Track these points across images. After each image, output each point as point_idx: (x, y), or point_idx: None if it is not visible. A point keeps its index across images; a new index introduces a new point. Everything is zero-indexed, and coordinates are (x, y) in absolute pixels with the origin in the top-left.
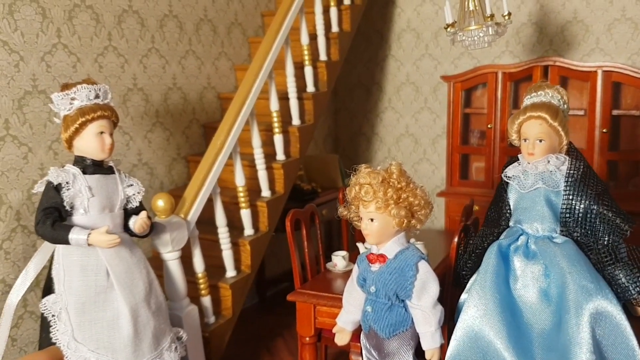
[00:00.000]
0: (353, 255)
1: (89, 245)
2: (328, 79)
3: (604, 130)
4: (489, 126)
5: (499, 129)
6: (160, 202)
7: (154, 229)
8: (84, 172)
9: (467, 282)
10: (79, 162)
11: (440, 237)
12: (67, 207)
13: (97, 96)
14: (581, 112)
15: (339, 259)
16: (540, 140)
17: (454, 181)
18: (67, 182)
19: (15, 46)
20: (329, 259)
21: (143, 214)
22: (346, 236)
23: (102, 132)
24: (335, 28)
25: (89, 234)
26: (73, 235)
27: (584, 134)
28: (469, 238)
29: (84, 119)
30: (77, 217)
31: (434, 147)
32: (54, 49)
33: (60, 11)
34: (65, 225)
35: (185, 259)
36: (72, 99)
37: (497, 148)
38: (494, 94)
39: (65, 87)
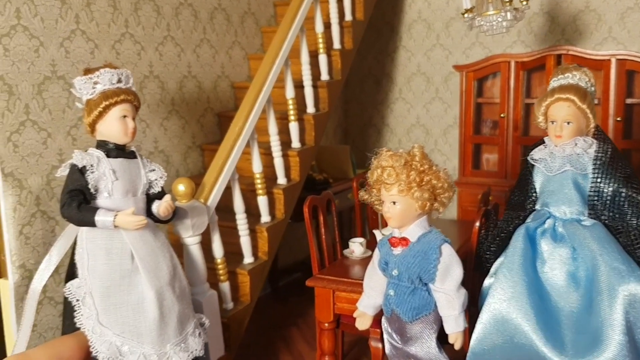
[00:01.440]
0: (368, 242)
1: (115, 227)
2: (342, 67)
3: (618, 119)
4: (502, 115)
5: (512, 118)
6: (181, 187)
7: (176, 213)
8: (108, 156)
9: (490, 266)
10: (102, 146)
11: (454, 227)
12: (92, 190)
13: (119, 80)
14: (595, 101)
15: (356, 246)
16: (568, 123)
17: (466, 171)
18: (91, 165)
19: (35, 31)
20: (344, 246)
21: (167, 197)
22: (360, 224)
23: (124, 116)
24: (348, 17)
25: (116, 215)
26: (99, 217)
27: (598, 123)
28: (490, 222)
29: (107, 103)
30: (101, 200)
31: (445, 138)
32: (73, 34)
33: None
34: (91, 207)
35: (204, 245)
36: (95, 82)
37: (510, 138)
38: (507, 83)
39: (88, 71)
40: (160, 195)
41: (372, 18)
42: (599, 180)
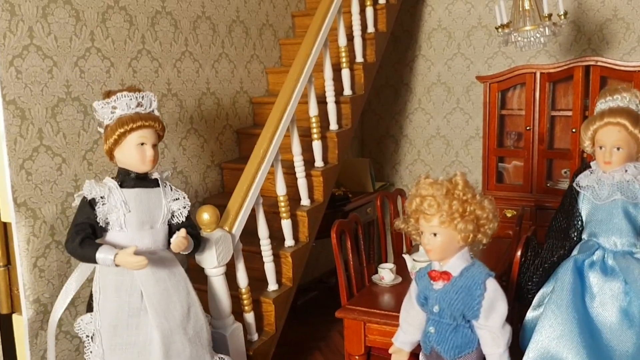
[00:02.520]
0: (397, 266)
1: (116, 265)
2: (365, 81)
3: None
4: (527, 128)
5: (537, 130)
6: (206, 215)
7: (200, 245)
8: (123, 186)
9: (532, 298)
10: (123, 174)
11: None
12: (101, 223)
13: (139, 104)
14: None
15: (386, 272)
16: (618, 149)
17: (490, 185)
18: (101, 197)
19: (48, 51)
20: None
21: (182, 231)
22: (384, 244)
23: (142, 143)
24: (371, 28)
25: (116, 254)
26: (100, 255)
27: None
28: (531, 250)
29: (122, 130)
30: (114, 234)
31: (467, 150)
32: (87, 53)
33: (93, 13)
34: (94, 244)
35: (227, 272)
36: (114, 107)
37: (536, 151)
38: (532, 95)
39: (107, 95)
40: (184, 226)
41: None
42: None
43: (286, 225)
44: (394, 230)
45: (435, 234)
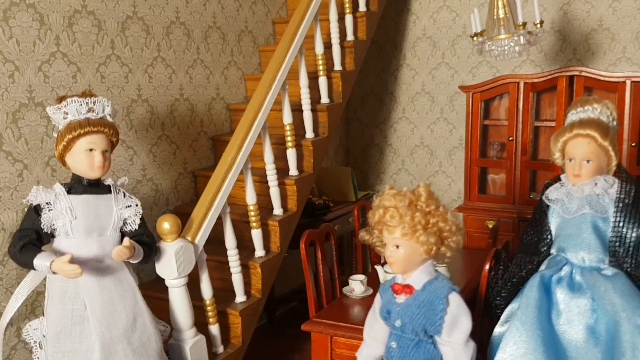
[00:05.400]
0: (370, 278)
1: (53, 273)
2: (343, 89)
3: (633, 144)
4: (510, 139)
5: (520, 141)
6: (166, 225)
7: (152, 254)
8: (71, 192)
9: (500, 313)
10: (74, 180)
11: (460, 255)
12: (47, 230)
13: (90, 110)
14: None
15: (356, 284)
16: (588, 161)
17: (472, 196)
18: (47, 203)
19: (9, 55)
20: (344, 282)
21: (125, 240)
22: (361, 255)
23: (91, 149)
24: (350, 36)
25: (53, 261)
26: (38, 261)
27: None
28: (501, 264)
29: (70, 136)
30: (61, 240)
31: (451, 160)
32: (52, 57)
33: (59, 17)
34: (34, 250)
35: (191, 282)
36: (65, 113)
37: (519, 161)
38: (515, 105)
39: (60, 100)
40: (138, 234)
41: (375, 35)
42: (621, 224)
43: (256, 235)
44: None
45: (397, 246)
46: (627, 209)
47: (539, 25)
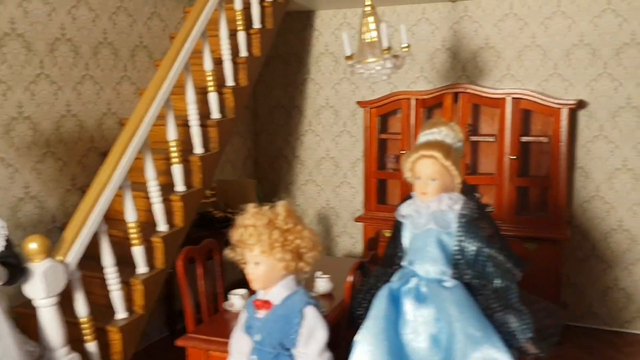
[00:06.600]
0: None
1: None
2: (235, 105)
3: (513, 157)
4: (402, 152)
5: None
6: (33, 245)
7: (19, 276)
8: None
9: (362, 323)
10: None
11: (348, 266)
12: None
13: None
14: (492, 139)
15: (236, 298)
16: (433, 180)
17: (371, 206)
18: None
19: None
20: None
21: None
22: None
23: None
24: (243, 53)
25: None
26: None
27: (494, 160)
28: (366, 275)
29: None
30: None
31: (354, 171)
32: None
33: None
34: None
35: (68, 300)
36: None
37: None
38: (407, 120)
39: None
40: (4, 255)
41: (280, 49)
42: (462, 238)
43: (138, 252)
44: None
45: (257, 263)
46: (468, 225)
47: (405, 49)
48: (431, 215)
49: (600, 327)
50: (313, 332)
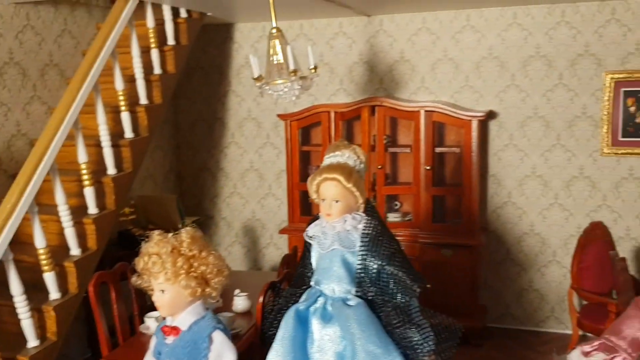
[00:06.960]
0: None
1: None
2: (149, 123)
3: (428, 167)
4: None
5: None
6: None
7: None
8: None
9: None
10: None
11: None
12: None
13: None
14: (409, 150)
15: (151, 321)
16: (337, 201)
17: (295, 218)
18: None
19: None
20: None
21: None
22: None
23: None
24: (157, 70)
25: None
26: None
27: (411, 170)
28: (278, 296)
29: None
30: None
31: (279, 182)
32: None
33: None
34: None
35: None
36: None
37: None
38: (328, 133)
39: None
40: None
41: (201, 61)
42: (365, 256)
43: (49, 278)
44: None
45: (163, 291)
46: (370, 243)
47: (313, 71)
48: (336, 236)
49: (517, 327)
50: (221, 357)
